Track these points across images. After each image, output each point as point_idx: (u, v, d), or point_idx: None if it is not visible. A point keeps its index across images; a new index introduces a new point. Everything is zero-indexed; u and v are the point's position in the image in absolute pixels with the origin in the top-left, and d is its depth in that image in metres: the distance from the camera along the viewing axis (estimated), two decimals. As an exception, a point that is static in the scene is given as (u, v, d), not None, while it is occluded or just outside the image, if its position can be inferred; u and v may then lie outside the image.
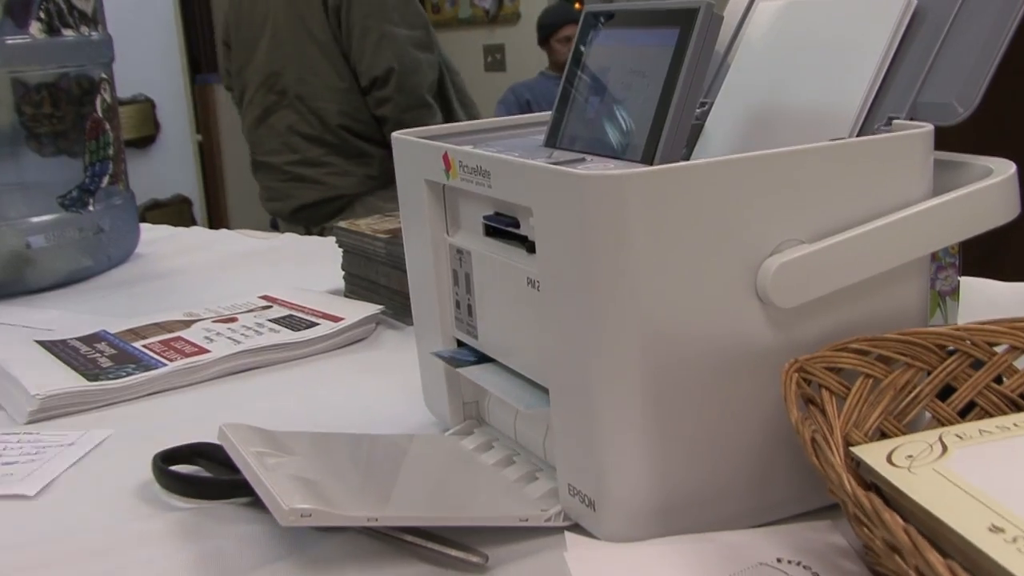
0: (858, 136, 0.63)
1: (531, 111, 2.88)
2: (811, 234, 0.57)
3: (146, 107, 4.20)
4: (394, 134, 0.74)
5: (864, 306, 0.60)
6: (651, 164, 0.61)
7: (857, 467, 0.55)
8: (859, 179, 0.58)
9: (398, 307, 1.05)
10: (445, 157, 0.67)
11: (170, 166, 4.30)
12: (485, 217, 0.67)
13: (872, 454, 0.54)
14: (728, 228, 0.56)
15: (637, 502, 0.57)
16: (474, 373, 0.69)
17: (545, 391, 0.63)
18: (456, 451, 0.71)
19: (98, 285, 1.32)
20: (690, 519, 0.58)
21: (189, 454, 0.74)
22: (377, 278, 1.08)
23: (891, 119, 0.63)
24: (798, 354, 0.57)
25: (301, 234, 1.47)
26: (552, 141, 0.70)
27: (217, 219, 4.76)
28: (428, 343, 0.75)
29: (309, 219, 2.50)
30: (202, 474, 0.73)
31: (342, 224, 1.14)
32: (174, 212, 4.25)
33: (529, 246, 0.63)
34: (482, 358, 0.71)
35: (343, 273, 1.15)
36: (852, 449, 0.55)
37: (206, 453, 0.73)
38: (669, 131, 0.61)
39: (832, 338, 0.59)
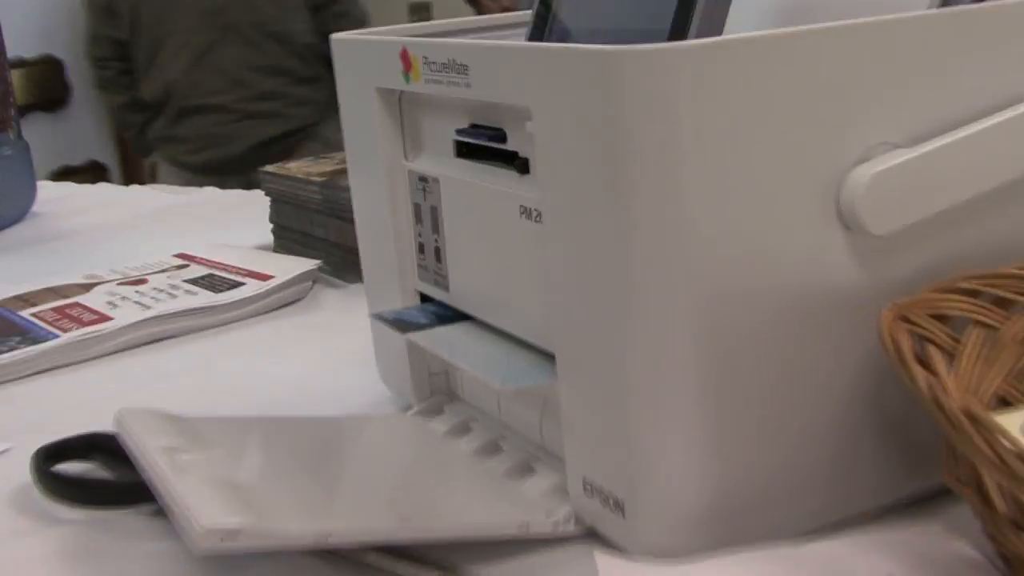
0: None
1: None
2: (910, 135, 0.42)
3: (54, 67, 3.96)
4: (335, 36, 0.58)
5: (972, 232, 0.45)
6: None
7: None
8: (979, 61, 0.43)
9: (338, 262, 0.89)
10: (404, 54, 0.51)
11: (83, 130, 4.07)
12: (458, 131, 0.51)
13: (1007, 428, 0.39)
14: (806, 125, 0.41)
15: (685, 502, 0.42)
16: (429, 339, 0.54)
17: (541, 356, 0.48)
18: (424, 436, 0.56)
19: (-15, 248, 1.14)
20: (755, 522, 0.43)
21: (83, 447, 0.58)
22: (312, 229, 0.92)
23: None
24: (889, 299, 0.43)
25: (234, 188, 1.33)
26: (536, 36, 0.54)
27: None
28: (382, 300, 0.59)
29: (258, 162, 2.33)
30: (97, 474, 0.57)
31: (269, 168, 0.97)
32: (88, 179, 4.01)
33: (521, 164, 0.47)
34: (445, 317, 0.55)
35: (271, 226, 0.99)
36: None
37: (103, 445, 0.57)
38: (706, 3, 0.45)
39: (931, 277, 0.44)
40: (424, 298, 0.57)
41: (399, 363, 0.60)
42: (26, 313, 0.81)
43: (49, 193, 1.35)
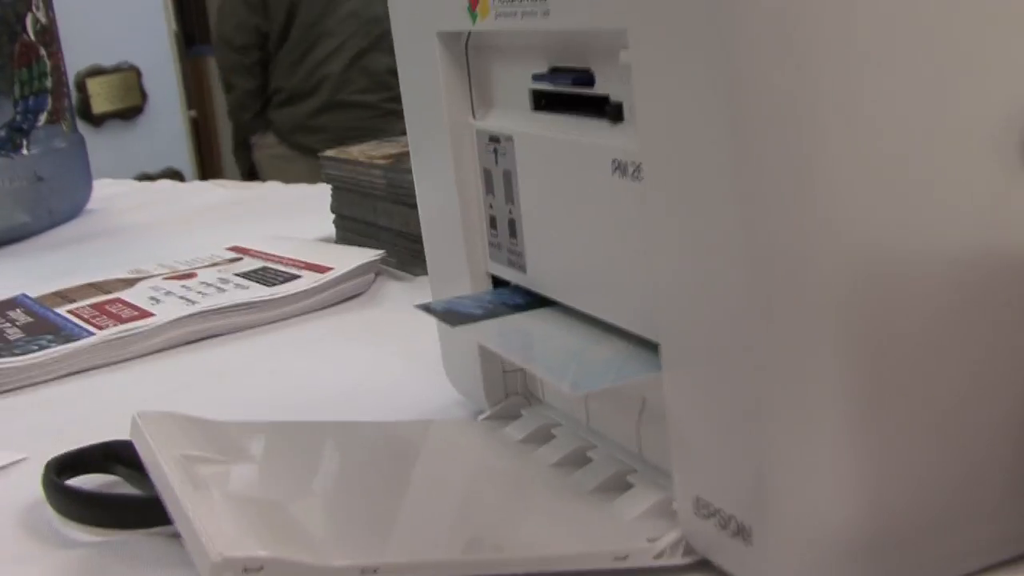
0: None
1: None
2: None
3: (131, 75, 3.95)
4: (389, -25, 0.49)
5: None
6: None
7: None
8: None
9: (403, 253, 0.81)
10: (470, -16, 0.43)
11: (159, 138, 4.06)
12: (535, 77, 0.42)
13: None
14: (980, 47, 0.31)
15: (831, 528, 0.33)
16: (483, 332, 0.45)
17: (631, 345, 0.39)
18: (497, 445, 0.47)
19: (38, 245, 1.07)
20: (920, 556, 0.34)
21: (101, 458, 0.50)
22: (376, 218, 0.84)
23: None
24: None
25: None
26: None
27: (212, 194, 4.53)
28: (448, 287, 0.51)
29: None
30: (118, 488, 0.49)
31: (329, 153, 0.89)
32: (165, 187, 4.02)
33: (613, 111, 0.38)
34: (511, 306, 0.46)
35: (333, 217, 0.91)
36: None
37: (125, 456, 0.49)
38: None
39: None
40: (497, 282, 0.48)
41: (469, 361, 0.51)
42: (62, 310, 0.74)
43: (106, 191, 1.29)
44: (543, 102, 0.43)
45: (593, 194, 0.39)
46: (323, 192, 0.94)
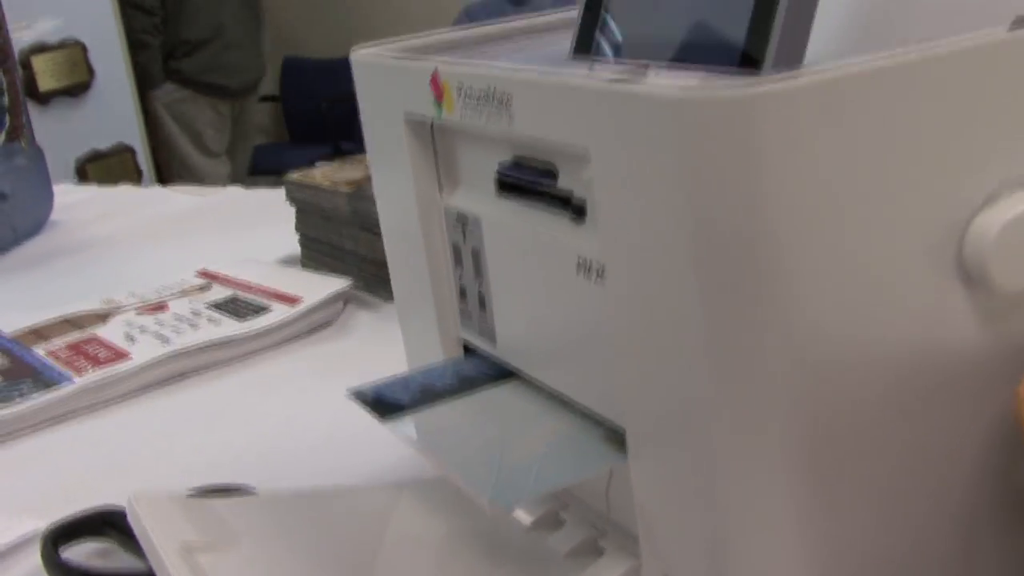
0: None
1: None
2: (1043, 168, 0.36)
3: (76, 51, 3.90)
4: (355, 52, 0.51)
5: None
6: (757, 69, 0.39)
7: None
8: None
9: (370, 277, 0.83)
10: (435, 80, 0.45)
11: (108, 114, 4.01)
12: (500, 167, 0.45)
13: None
14: (920, 167, 0.34)
15: (787, 610, 0.36)
16: (407, 427, 0.44)
17: (578, 437, 0.42)
18: (470, 506, 0.50)
19: (4, 267, 1.08)
20: (868, 631, 0.37)
21: (96, 524, 0.53)
22: (341, 242, 0.86)
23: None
24: (1019, 362, 0.36)
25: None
26: (585, 47, 0.47)
27: (166, 167, 4.49)
28: (422, 350, 0.53)
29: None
30: (114, 556, 0.51)
31: (292, 176, 0.91)
32: (116, 163, 3.97)
33: (575, 210, 0.41)
34: (446, 391, 0.47)
35: (298, 236, 0.93)
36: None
37: (119, 523, 0.51)
38: (787, 10, 0.39)
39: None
40: (468, 349, 0.51)
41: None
42: (40, 350, 0.76)
43: (68, 198, 1.30)
44: (508, 187, 0.45)
45: (558, 287, 0.42)
46: (281, 198, 0.94)
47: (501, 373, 0.48)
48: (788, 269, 0.33)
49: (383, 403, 0.46)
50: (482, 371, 0.49)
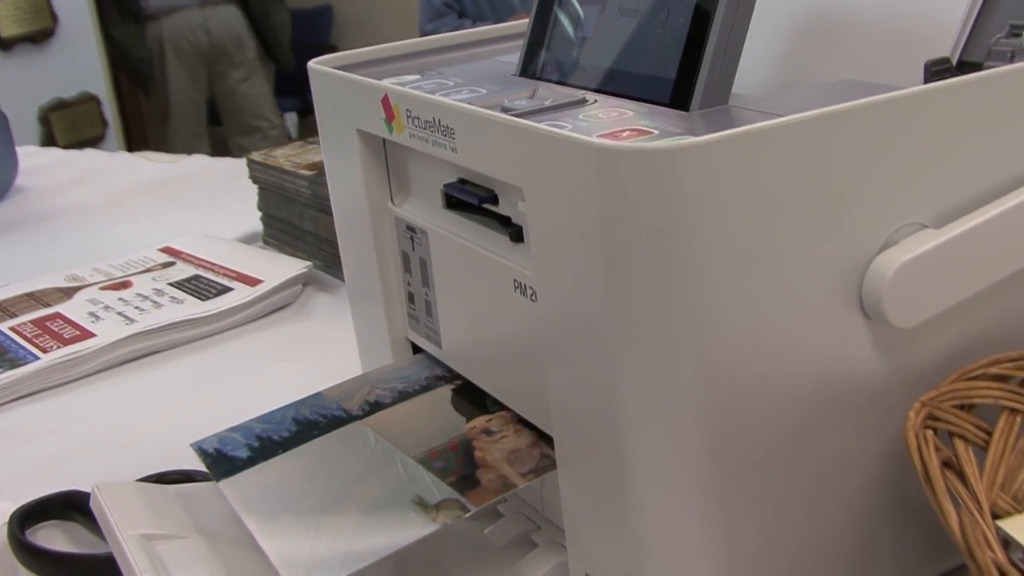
0: (962, 54, 0.45)
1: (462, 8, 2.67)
2: (936, 215, 0.39)
3: (40, -3, 3.86)
4: (312, 64, 0.54)
5: (997, 313, 0.42)
6: (686, 108, 0.42)
7: (1006, 549, 0.38)
8: (1004, 130, 0.39)
9: (329, 258, 0.86)
10: (386, 102, 0.47)
11: (72, 62, 3.97)
12: (446, 186, 0.48)
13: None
14: (823, 213, 0.37)
15: (694, 612, 0.40)
16: (238, 489, 0.46)
17: (395, 502, 0.45)
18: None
19: (-35, 234, 1.10)
20: (769, 630, 0.41)
21: (61, 506, 0.55)
22: (302, 223, 0.89)
23: (1016, 28, 0.44)
24: (912, 388, 0.40)
25: None
26: (530, 70, 0.50)
27: (132, 117, 4.46)
28: (372, 349, 0.56)
29: None
30: (79, 536, 0.54)
31: (255, 156, 0.93)
32: (81, 112, 3.94)
33: (514, 232, 0.44)
34: (283, 441, 0.49)
35: (260, 214, 0.95)
36: (999, 524, 0.38)
37: (83, 506, 0.54)
38: (715, 52, 0.42)
39: (954, 361, 0.41)
40: (416, 348, 0.54)
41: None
42: (4, 327, 0.78)
43: (33, 161, 1.31)
44: (454, 202, 0.48)
45: (498, 302, 0.45)
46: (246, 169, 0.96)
47: (336, 420, 0.51)
48: (701, 302, 0.36)
49: (222, 459, 0.48)
50: (320, 413, 0.51)
